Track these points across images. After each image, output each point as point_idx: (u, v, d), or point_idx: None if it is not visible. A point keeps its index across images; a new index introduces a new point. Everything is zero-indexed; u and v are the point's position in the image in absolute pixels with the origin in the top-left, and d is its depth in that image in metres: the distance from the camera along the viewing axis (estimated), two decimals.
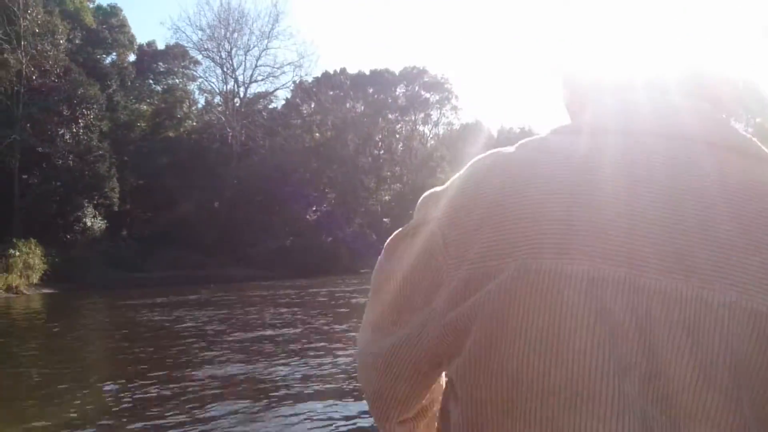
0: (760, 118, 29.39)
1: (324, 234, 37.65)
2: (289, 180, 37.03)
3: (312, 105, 44.33)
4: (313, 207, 39.99)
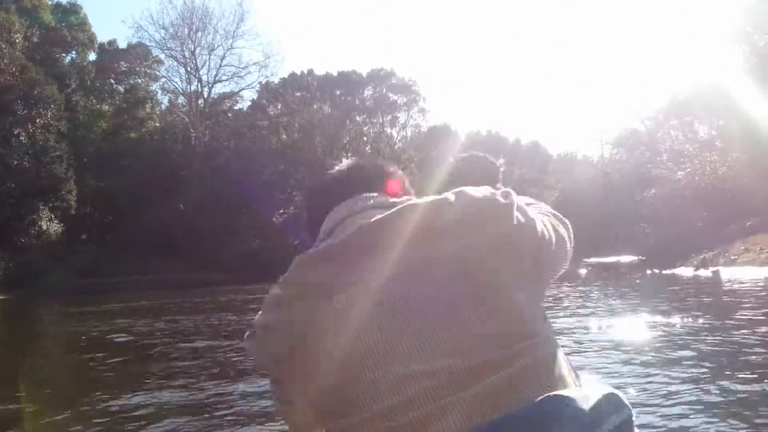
0: (723, 121, 29.86)
1: (291, 236, 37.10)
2: (255, 182, 36.41)
3: (279, 106, 43.75)
4: (280, 210, 39.40)
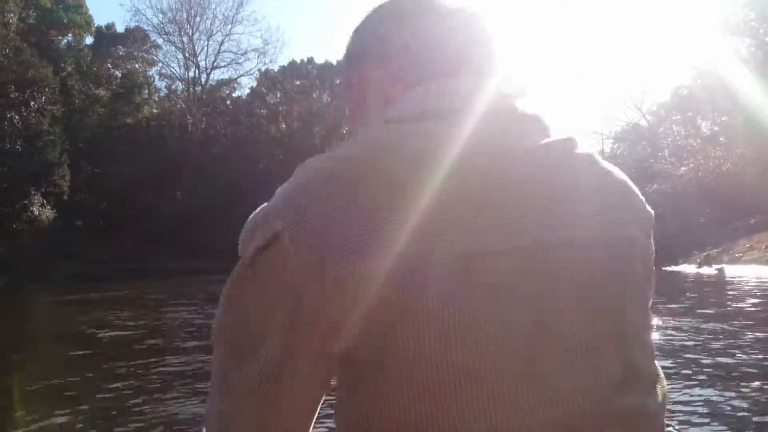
0: (726, 117, 29.48)
1: None
2: (252, 171, 35.99)
3: (278, 94, 43.27)
4: None
